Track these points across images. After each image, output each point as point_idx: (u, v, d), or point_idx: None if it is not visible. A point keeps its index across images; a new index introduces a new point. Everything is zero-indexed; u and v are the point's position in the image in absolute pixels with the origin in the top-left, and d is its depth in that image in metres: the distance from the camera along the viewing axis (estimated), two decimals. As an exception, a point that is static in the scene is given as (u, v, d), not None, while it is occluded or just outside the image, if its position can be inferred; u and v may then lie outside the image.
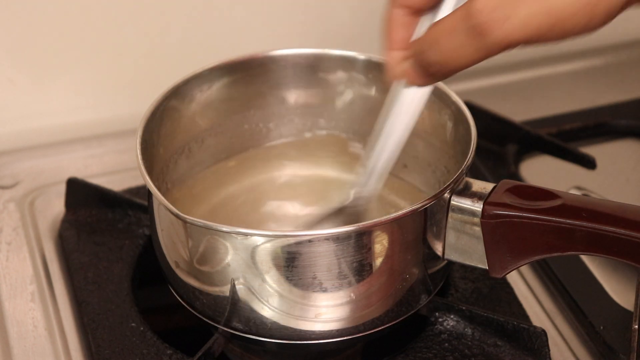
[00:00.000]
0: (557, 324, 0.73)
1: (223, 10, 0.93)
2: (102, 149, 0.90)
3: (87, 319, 0.71)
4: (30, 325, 0.72)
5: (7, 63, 0.89)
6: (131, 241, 0.78)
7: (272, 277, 0.61)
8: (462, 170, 0.63)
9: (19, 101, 0.91)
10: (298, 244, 0.59)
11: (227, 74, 0.75)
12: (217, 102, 0.76)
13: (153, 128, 0.70)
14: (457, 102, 0.69)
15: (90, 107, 0.94)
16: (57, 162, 0.88)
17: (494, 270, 0.63)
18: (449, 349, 0.68)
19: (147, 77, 0.92)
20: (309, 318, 0.63)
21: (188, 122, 0.75)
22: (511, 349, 0.68)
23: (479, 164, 0.86)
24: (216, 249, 0.61)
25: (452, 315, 0.69)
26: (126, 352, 0.68)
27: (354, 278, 0.61)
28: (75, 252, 0.77)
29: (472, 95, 0.89)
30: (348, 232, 0.59)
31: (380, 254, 0.61)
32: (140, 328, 0.70)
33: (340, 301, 0.62)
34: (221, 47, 0.94)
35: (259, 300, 0.62)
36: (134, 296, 0.73)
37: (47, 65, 0.91)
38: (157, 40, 0.93)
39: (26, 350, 0.70)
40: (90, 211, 0.80)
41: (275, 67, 0.76)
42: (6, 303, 0.74)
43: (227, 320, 0.64)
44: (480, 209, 0.61)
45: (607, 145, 0.91)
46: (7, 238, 0.80)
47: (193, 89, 0.73)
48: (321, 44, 0.77)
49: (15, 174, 0.87)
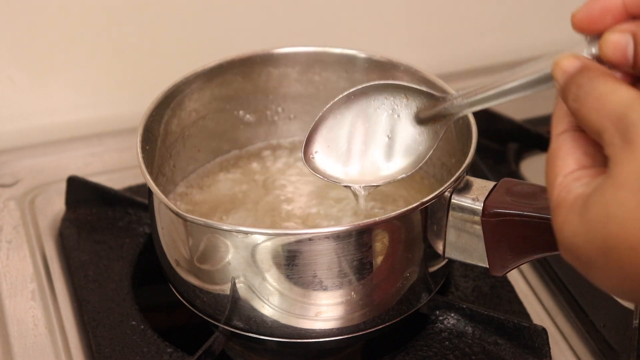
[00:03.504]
0: (557, 322, 0.73)
1: (223, 10, 0.93)
2: (103, 148, 0.90)
3: (88, 317, 0.71)
4: (30, 323, 0.72)
5: (8, 61, 0.89)
6: (131, 239, 0.78)
7: (272, 276, 0.61)
8: (462, 169, 0.63)
9: (19, 99, 0.91)
10: (298, 242, 0.59)
11: (228, 73, 0.75)
12: (218, 100, 0.76)
13: (153, 126, 0.70)
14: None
15: (90, 106, 0.94)
16: (57, 161, 0.88)
17: (495, 268, 0.63)
18: (449, 347, 0.68)
19: (147, 75, 0.92)
20: (309, 316, 0.63)
21: (188, 120, 0.75)
22: (512, 347, 0.68)
23: (480, 162, 0.86)
24: (216, 247, 0.61)
25: (453, 314, 0.69)
26: (126, 350, 0.68)
27: (355, 276, 0.61)
28: (76, 251, 0.77)
29: (473, 94, 0.89)
30: (348, 231, 0.59)
31: (381, 252, 0.61)
32: (140, 326, 0.70)
33: (341, 299, 0.62)
34: (221, 45, 0.93)
35: (260, 298, 0.62)
36: (134, 294, 0.73)
37: (47, 63, 0.91)
38: (157, 39, 0.93)
39: (26, 348, 0.70)
40: (90, 209, 0.80)
41: (275, 65, 0.76)
42: (6, 301, 0.74)
43: (228, 319, 0.64)
44: (480, 208, 0.61)
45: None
46: (8, 236, 0.80)
47: (193, 88, 0.73)
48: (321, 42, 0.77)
49: (15, 172, 0.87)
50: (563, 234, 0.47)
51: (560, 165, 0.49)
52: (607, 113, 0.45)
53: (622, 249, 0.44)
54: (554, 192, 0.48)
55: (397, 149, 0.61)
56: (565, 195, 0.47)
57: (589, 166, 0.48)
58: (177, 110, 0.73)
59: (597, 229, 0.45)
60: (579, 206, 0.46)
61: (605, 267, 0.45)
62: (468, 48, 1.02)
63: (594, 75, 0.47)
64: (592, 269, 0.46)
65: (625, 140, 0.44)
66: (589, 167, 0.48)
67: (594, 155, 0.49)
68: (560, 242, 0.48)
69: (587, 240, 0.45)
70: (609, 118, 0.45)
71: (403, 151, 0.61)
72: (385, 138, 0.61)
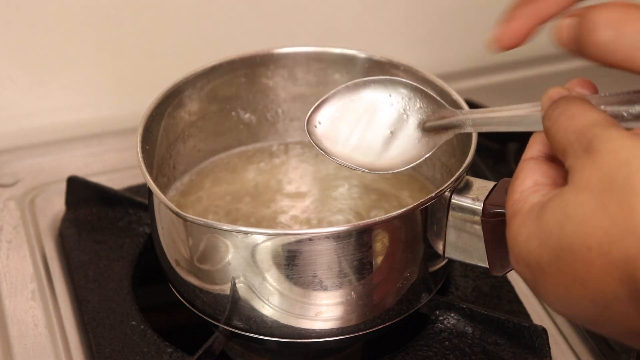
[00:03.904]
0: (557, 322, 0.72)
1: (223, 10, 0.93)
2: (103, 147, 0.90)
3: (88, 317, 0.71)
4: (30, 323, 0.72)
5: (8, 61, 0.89)
6: (131, 239, 0.78)
7: (272, 276, 0.61)
8: (462, 169, 0.63)
9: (19, 99, 0.91)
10: (298, 242, 0.59)
11: (227, 72, 0.75)
12: (218, 100, 0.76)
13: (153, 126, 0.70)
14: (457, 101, 0.69)
15: (90, 106, 0.94)
16: (57, 161, 0.88)
17: (495, 268, 0.63)
18: (449, 347, 0.68)
19: (147, 75, 0.92)
20: (309, 316, 0.63)
21: (188, 120, 0.75)
22: (512, 347, 0.68)
23: (480, 162, 0.86)
24: (216, 247, 0.61)
25: (453, 314, 0.69)
26: (126, 351, 0.68)
27: (355, 276, 0.61)
28: (76, 251, 0.77)
29: (473, 94, 0.89)
30: (348, 231, 0.59)
31: (381, 252, 0.61)
32: (140, 326, 0.70)
33: (341, 299, 0.62)
34: (221, 45, 0.93)
35: (260, 298, 0.62)
36: (134, 294, 0.73)
37: (47, 63, 0.91)
38: (157, 39, 0.93)
39: (26, 348, 0.70)
40: (90, 209, 0.80)
41: (275, 65, 0.76)
42: (6, 301, 0.74)
43: (228, 319, 0.64)
44: (480, 208, 0.61)
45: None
46: (8, 236, 0.80)
47: (193, 88, 0.73)
48: (321, 42, 0.77)
49: (15, 172, 0.87)
50: (517, 240, 0.47)
51: (518, 185, 0.50)
52: (573, 129, 0.47)
53: (576, 249, 0.44)
54: (509, 208, 0.50)
55: (394, 147, 0.61)
56: (522, 206, 0.48)
57: (547, 184, 0.49)
58: (177, 110, 0.73)
59: (553, 230, 0.45)
60: (535, 212, 0.47)
61: (556, 271, 0.45)
62: (468, 48, 1.02)
63: (571, 100, 0.49)
64: (541, 275, 0.46)
65: (587, 151, 0.45)
66: (547, 184, 0.49)
67: (554, 177, 0.50)
68: (512, 250, 0.48)
69: (541, 243, 0.46)
70: (575, 133, 0.46)
71: (399, 150, 0.62)
72: (387, 132, 0.62)
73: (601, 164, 0.44)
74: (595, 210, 0.43)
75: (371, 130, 0.62)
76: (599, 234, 0.43)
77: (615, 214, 0.42)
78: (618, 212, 0.42)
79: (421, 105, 0.61)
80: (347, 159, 0.62)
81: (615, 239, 0.42)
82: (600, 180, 0.43)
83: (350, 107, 0.63)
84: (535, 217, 0.47)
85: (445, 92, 0.70)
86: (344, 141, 0.62)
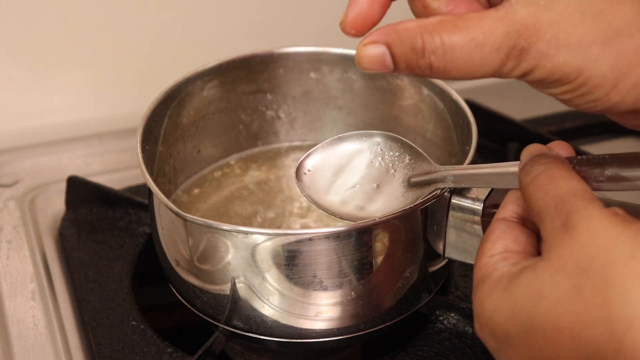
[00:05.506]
0: (557, 323, 0.72)
1: (223, 10, 0.93)
2: (103, 148, 0.90)
3: (88, 317, 0.71)
4: (30, 323, 0.72)
5: (8, 62, 0.89)
6: (131, 239, 0.78)
7: (272, 276, 0.61)
8: (462, 168, 0.63)
9: (19, 100, 0.91)
10: (298, 242, 0.59)
11: (227, 73, 0.75)
12: (217, 100, 0.76)
13: (153, 127, 0.70)
14: (457, 101, 0.69)
15: (90, 106, 0.94)
16: (57, 161, 0.89)
17: (495, 268, 0.63)
18: (449, 347, 0.68)
19: (147, 75, 0.92)
20: (309, 316, 0.63)
21: (188, 120, 0.75)
22: (512, 348, 0.68)
23: (480, 162, 0.86)
24: (217, 248, 0.61)
25: (453, 314, 0.69)
26: (126, 350, 0.68)
27: (355, 276, 0.61)
28: (76, 251, 0.77)
29: (473, 94, 0.89)
30: (348, 231, 0.59)
31: (381, 252, 0.61)
32: (140, 326, 0.70)
33: (341, 299, 0.62)
34: (221, 46, 0.94)
35: (260, 298, 0.62)
36: (134, 294, 0.73)
37: (47, 63, 0.91)
38: (157, 39, 0.93)
39: (26, 348, 0.70)
40: (90, 209, 0.80)
41: (275, 65, 0.76)
42: (6, 301, 0.74)
43: (228, 319, 0.64)
44: (480, 208, 0.61)
45: (608, 143, 0.91)
46: (8, 236, 0.80)
47: (193, 88, 0.74)
48: (321, 42, 0.77)
49: (15, 172, 0.87)
50: (483, 308, 0.47)
51: (488, 247, 0.50)
52: (553, 195, 0.46)
53: (547, 329, 0.44)
54: (477, 271, 0.50)
55: (378, 199, 0.62)
56: (491, 272, 0.48)
57: (517, 251, 0.49)
58: (177, 110, 0.73)
59: (524, 306, 0.45)
60: (504, 283, 0.47)
61: (523, 346, 0.45)
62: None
63: (552, 160, 0.49)
64: (506, 347, 0.46)
65: (565, 225, 0.44)
66: (517, 252, 0.49)
67: (525, 244, 0.50)
68: (477, 316, 0.48)
69: (511, 316, 0.45)
70: (554, 200, 0.46)
71: (382, 202, 0.62)
72: (373, 185, 0.62)
73: (579, 245, 0.44)
74: (569, 293, 0.43)
75: (359, 182, 0.63)
76: (571, 318, 0.43)
77: (589, 300, 0.42)
78: (592, 298, 0.42)
79: (409, 161, 0.62)
80: (331, 208, 0.62)
81: (586, 324, 0.42)
82: (577, 263, 0.43)
83: (342, 157, 0.63)
84: (504, 287, 0.46)
85: (445, 92, 0.70)
86: (330, 190, 0.63)
